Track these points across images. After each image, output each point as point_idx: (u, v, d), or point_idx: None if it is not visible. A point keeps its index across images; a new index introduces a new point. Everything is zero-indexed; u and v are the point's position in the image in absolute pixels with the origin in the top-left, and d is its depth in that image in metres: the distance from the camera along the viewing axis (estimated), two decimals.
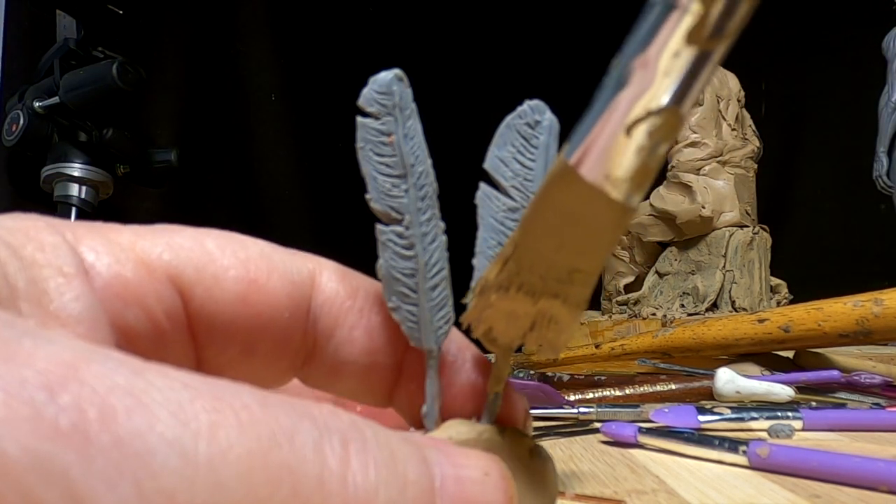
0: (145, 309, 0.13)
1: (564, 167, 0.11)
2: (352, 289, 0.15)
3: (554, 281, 0.13)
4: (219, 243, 0.14)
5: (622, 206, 0.11)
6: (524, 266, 0.13)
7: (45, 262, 0.11)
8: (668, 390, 0.46)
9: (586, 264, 0.13)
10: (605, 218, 0.11)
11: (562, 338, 0.14)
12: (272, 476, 0.08)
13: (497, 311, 0.14)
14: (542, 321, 0.14)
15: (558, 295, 0.13)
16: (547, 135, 0.16)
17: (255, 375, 0.15)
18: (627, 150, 0.10)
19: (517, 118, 0.16)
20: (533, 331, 0.14)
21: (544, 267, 0.13)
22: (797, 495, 0.23)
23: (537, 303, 0.13)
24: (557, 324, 0.14)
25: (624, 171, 0.10)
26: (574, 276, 0.13)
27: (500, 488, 0.11)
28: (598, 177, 0.11)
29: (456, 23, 1.56)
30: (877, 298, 0.46)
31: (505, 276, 0.13)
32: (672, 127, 0.10)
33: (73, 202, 0.93)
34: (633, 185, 0.11)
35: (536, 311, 0.14)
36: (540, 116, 0.16)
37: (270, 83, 1.37)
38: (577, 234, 0.12)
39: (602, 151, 0.11)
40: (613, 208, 0.11)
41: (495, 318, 0.14)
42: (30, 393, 0.07)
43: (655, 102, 0.10)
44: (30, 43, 1.01)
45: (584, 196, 0.11)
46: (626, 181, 0.10)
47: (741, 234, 1.00)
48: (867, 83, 1.44)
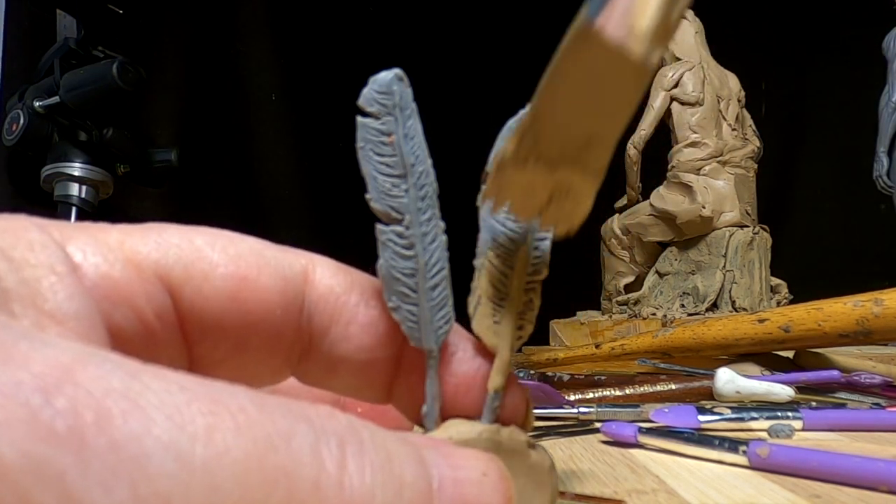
0: (134, 309, 0.13)
1: (585, 30, 0.11)
2: (347, 284, 0.15)
3: (572, 149, 0.13)
4: (208, 240, 0.14)
5: (644, 63, 0.11)
6: (542, 136, 0.13)
7: (37, 262, 0.11)
8: (668, 390, 0.46)
9: (605, 129, 0.13)
10: (626, 77, 0.11)
11: (579, 209, 0.14)
12: (268, 479, 0.08)
13: (515, 184, 0.14)
14: (559, 192, 0.14)
15: (576, 163, 0.13)
16: None
17: (249, 373, 0.15)
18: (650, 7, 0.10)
19: (518, 121, 0.16)
20: (550, 204, 0.14)
21: (562, 135, 0.13)
22: (797, 495, 0.23)
23: (555, 173, 0.13)
24: (575, 194, 0.14)
25: (647, 26, 0.10)
26: (592, 143, 0.13)
27: (498, 489, 0.11)
28: (622, 34, 0.10)
29: (456, 23, 1.56)
30: (877, 298, 0.46)
31: (523, 148, 0.13)
32: None
33: (73, 202, 0.93)
34: (655, 41, 0.11)
35: (554, 182, 0.14)
36: None
37: (270, 83, 1.37)
38: (597, 98, 0.12)
39: (625, 8, 0.10)
40: (635, 66, 0.11)
41: (513, 193, 0.14)
42: (26, 396, 0.07)
43: None
44: (30, 42, 1.01)
45: (606, 56, 0.11)
46: (650, 35, 0.10)
47: (741, 234, 1.00)
48: (867, 83, 1.44)
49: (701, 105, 1.07)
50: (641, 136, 1.08)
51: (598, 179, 0.14)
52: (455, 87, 1.43)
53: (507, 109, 0.16)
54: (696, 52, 1.10)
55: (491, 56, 1.55)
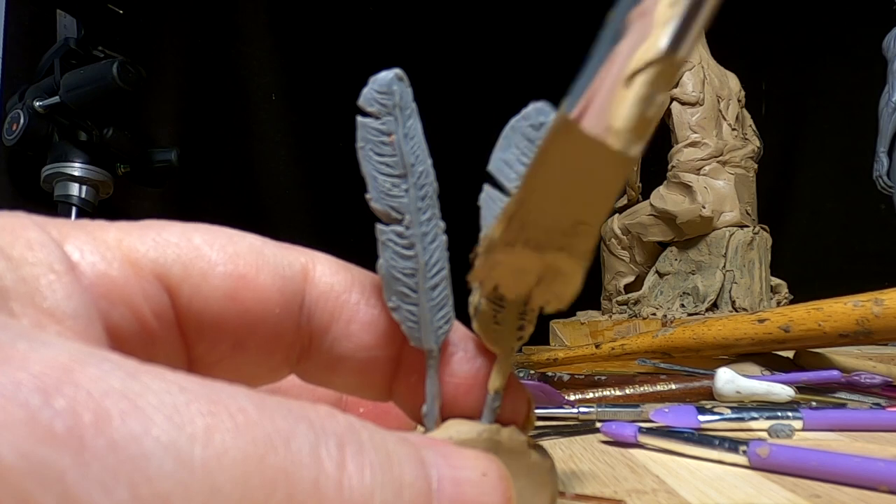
0: (132, 308, 0.12)
1: (565, 122, 0.11)
2: (347, 282, 0.15)
3: (559, 234, 0.13)
4: (207, 238, 0.14)
5: (624, 156, 0.11)
6: (529, 222, 0.13)
7: (35, 261, 0.11)
8: (668, 390, 0.46)
9: (590, 216, 0.13)
10: (607, 169, 0.11)
11: (568, 289, 0.15)
12: (268, 480, 0.08)
13: (504, 267, 0.14)
14: (548, 275, 0.14)
15: (564, 248, 0.14)
16: None
17: (248, 372, 0.15)
18: (627, 101, 0.11)
19: (521, 120, 0.16)
20: (540, 285, 0.14)
21: (549, 221, 0.13)
22: (797, 495, 0.23)
23: (543, 257, 0.14)
24: (564, 276, 0.14)
25: (624, 122, 0.11)
26: (579, 229, 0.13)
27: (497, 489, 0.11)
28: (600, 129, 0.11)
29: (456, 23, 1.56)
30: (877, 298, 0.46)
31: (510, 233, 0.13)
32: (670, 75, 0.11)
33: (73, 202, 0.93)
34: (634, 135, 0.11)
35: (543, 265, 0.14)
36: (544, 118, 0.16)
37: (270, 83, 1.37)
38: (581, 187, 0.12)
39: (602, 104, 0.11)
40: (615, 159, 0.11)
41: (502, 275, 0.14)
42: (25, 396, 0.07)
43: (654, 51, 0.10)
44: (30, 42, 1.01)
45: (586, 149, 0.11)
46: (627, 132, 0.11)
47: (741, 234, 1.00)
48: (867, 83, 1.44)
49: (701, 105, 1.07)
50: None
51: (586, 262, 0.14)
52: (455, 87, 1.42)
53: (508, 109, 0.16)
54: (696, 52, 1.10)
55: (491, 56, 1.55)
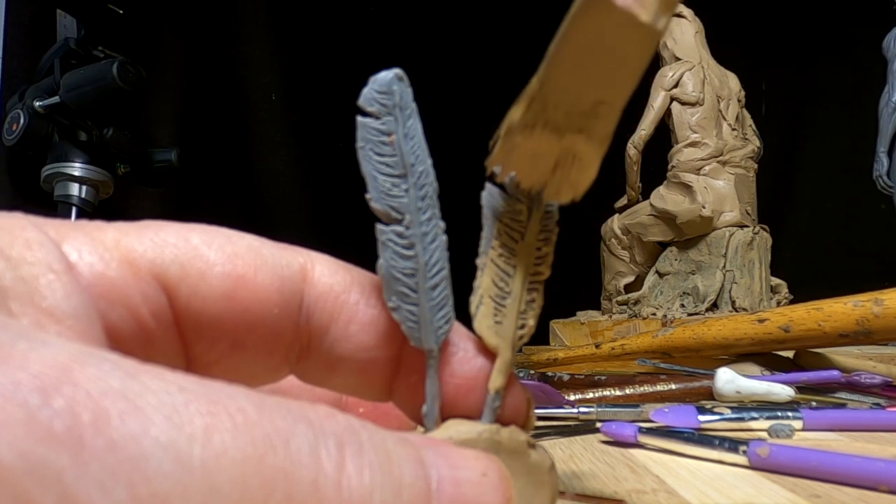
0: (130, 308, 0.12)
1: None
2: (346, 282, 0.15)
3: (579, 115, 0.13)
4: (205, 238, 0.14)
5: (651, 28, 0.11)
6: (550, 102, 0.13)
7: (34, 260, 0.11)
8: (668, 390, 0.46)
9: (612, 95, 0.13)
10: (633, 43, 0.11)
11: (585, 176, 0.14)
12: (267, 480, 0.08)
13: (522, 151, 0.14)
14: (565, 159, 0.14)
15: (583, 130, 0.13)
16: None
17: (247, 372, 0.15)
18: None
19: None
20: (556, 171, 0.14)
21: (570, 101, 0.13)
22: (797, 495, 0.23)
23: (562, 139, 0.13)
24: (581, 161, 0.14)
25: None
26: (599, 110, 0.13)
27: (497, 489, 0.11)
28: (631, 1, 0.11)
29: (456, 23, 1.56)
30: (877, 298, 0.46)
31: (531, 114, 0.13)
32: None
33: (73, 202, 0.93)
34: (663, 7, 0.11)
35: (561, 149, 0.14)
36: None
37: (270, 83, 1.37)
38: (605, 63, 0.12)
39: None
40: (642, 32, 0.11)
41: (520, 160, 0.14)
42: (24, 396, 0.07)
43: None
44: (30, 42, 1.01)
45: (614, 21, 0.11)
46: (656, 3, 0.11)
47: (741, 234, 1.00)
48: (867, 83, 1.44)
49: (701, 105, 1.07)
50: (641, 136, 1.08)
51: (604, 146, 0.14)
52: (455, 87, 1.42)
53: (507, 109, 0.16)
54: (696, 52, 1.10)
55: (491, 56, 1.55)
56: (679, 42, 1.11)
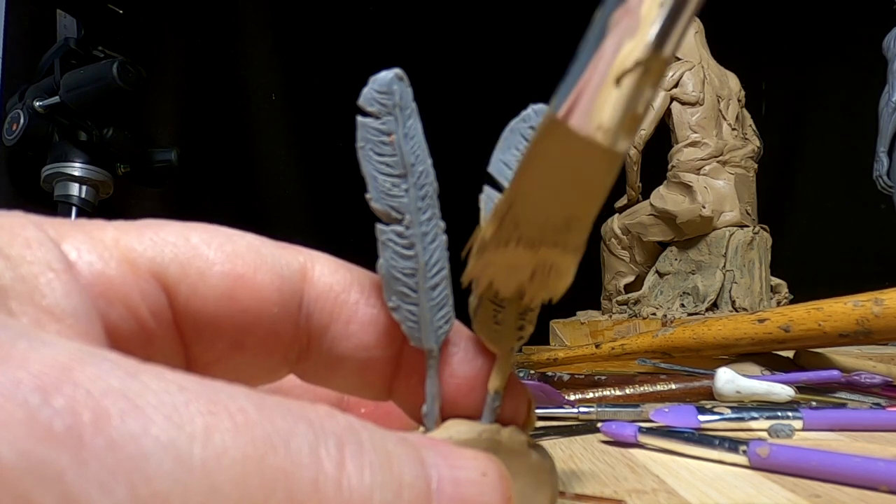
0: (130, 307, 0.12)
1: (553, 120, 0.11)
2: (346, 282, 0.15)
3: (552, 231, 0.13)
4: (204, 238, 0.14)
5: (612, 152, 0.11)
6: (521, 220, 0.13)
7: (34, 259, 0.11)
8: (668, 390, 0.46)
9: (582, 211, 0.13)
10: (596, 165, 0.12)
11: (562, 283, 0.15)
12: (267, 480, 0.08)
13: (497, 265, 0.14)
14: (542, 270, 0.14)
15: (557, 244, 0.14)
16: None
17: (247, 371, 0.15)
18: (614, 99, 0.11)
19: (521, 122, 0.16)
20: (533, 280, 0.15)
21: (541, 218, 0.13)
22: (797, 495, 0.23)
23: (537, 253, 0.14)
24: (557, 271, 0.14)
25: (612, 119, 0.11)
26: (571, 224, 0.13)
27: (497, 489, 0.11)
28: (588, 128, 0.11)
29: (456, 23, 1.56)
30: (877, 298, 0.46)
31: (503, 232, 0.14)
32: (658, 72, 0.11)
33: (73, 202, 0.93)
34: (622, 132, 0.11)
35: (536, 261, 0.14)
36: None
37: (270, 83, 1.37)
38: (571, 184, 0.12)
39: (589, 102, 0.11)
40: (604, 156, 0.11)
41: (496, 273, 0.15)
42: (24, 395, 0.07)
43: (640, 49, 0.11)
44: (30, 42, 1.01)
45: (574, 147, 0.11)
46: (615, 129, 0.11)
47: (741, 234, 1.00)
48: (867, 83, 1.44)
49: (701, 105, 1.07)
50: (641, 136, 1.08)
51: (578, 254, 0.14)
52: (455, 87, 1.42)
53: (508, 109, 0.16)
54: (696, 52, 1.10)
55: (491, 56, 1.55)
56: None
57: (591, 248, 1.19)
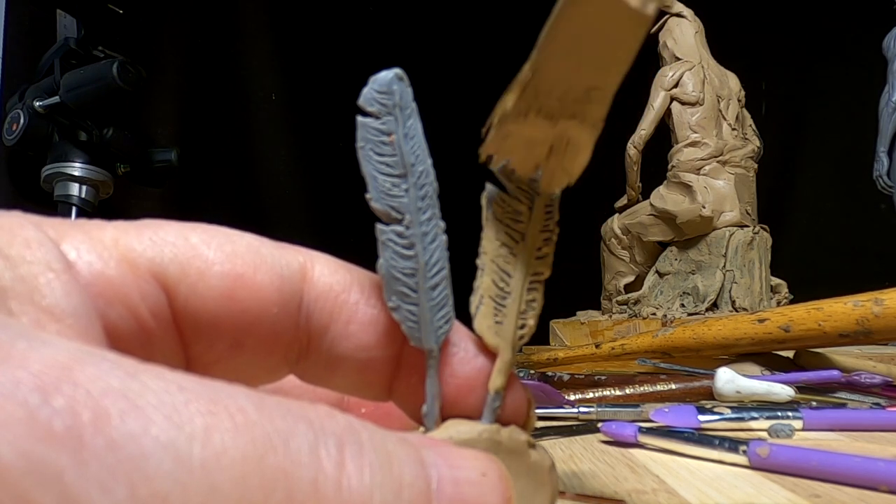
0: (129, 307, 0.12)
1: None
2: (346, 282, 0.15)
3: (572, 101, 0.13)
4: (204, 238, 0.14)
5: (640, 13, 0.11)
6: (542, 89, 0.13)
7: (33, 259, 0.11)
8: (669, 390, 0.46)
9: (604, 80, 0.13)
10: (623, 29, 0.11)
11: (578, 160, 0.15)
12: (266, 480, 0.08)
13: (516, 138, 0.14)
14: (559, 144, 0.14)
15: (576, 115, 0.13)
16: None
17: (246, 371, 0.15)
18: None
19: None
20: (550, 157, 0.14)
21: (562, 88, 0.13)
22: (797, 495, 0.23)
23: (556, 125, 0.14)
24: (575, 145, 0.14)
25: None
26: (592, 95, 0.13)
27: (497, 489, 0.11)
28: None
29: (456, 23, 1.56)
30: (877, 298, 0.46)
31: (524, 102, 0.13)
32: None
33: (73, 202, 0.93)
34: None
35: (555, 134, 0.14)
36: None
37: (270, 83, 1.37)
38: (596, 50, 0.12)
39: None
40: (632, 17, 0.11)
41: (514, 147, 0.14)
42: (24, 395, 0.07)
43: None
44: (30, 42, 1.01)
45: (603, 8, 0.11)
46: None
47: (741, 234, 1.00)
48: (867, 83, 1.44)
49: (701, 105, 1.07)
50: (641, 136, 1.08)
51: (596, 130, 0.14)
52: (455, 87, 1.42)
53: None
54: (696, 52, 1.10)
55: (491, 56, 1.55)
56: (679, 42, 1.11)
57: (591, 248, 1.20)
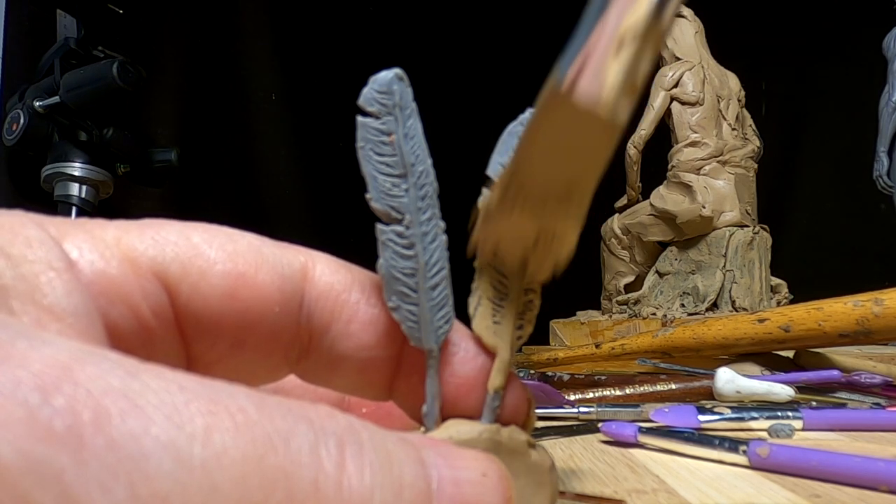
0: (131, 306, 0.12)
1: (555, 93, 0.11)
2: (347, 281, 0.15)
3: (554, 198, 0.14)
4: (205, 237, 0.14)
5: (613, 123, 0.11)
6: (524, 188, 0.14)
7: (35, 258, 0.11)
8: (669, 390, 0.46)
9: (583, 178, 0.14)
10: (597, 135, 0.12)
11: (564, 250, 0.15)
12: (267, 480, 0.08)
13: (502, 231, 0.15)
14: (545, 237, 0.15)
15: (559, 210, 0.14)
16: None
17: (247, 371, 0.15)
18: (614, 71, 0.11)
19: (518, 125, 0.16)
20: (537, 246, 0.15)
21: (543, 187, 0.14)
22: (797, 495, 0.23)
23: (540, 220, 0.14)
24: (560, 237, 0.15)
25: (613, 90, 0.11)
26: (573, 191, 0.14)
27: (497, 489, 0.11)
28: (589, 99, 0.11)
29: (456, 23, 1.56)
30: (877, 298, 0.46)
31: (507, 200, 0.14)
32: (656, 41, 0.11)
33: (73, 202, 0.93)
34: (623, 102, 0.11)
35: (539, 228, 0.15)
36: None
37: (270, 83, 1.37)
38: (572, 153, 0.13)
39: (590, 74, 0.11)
40: (605, 126, 0.11)
41: (500, 239, 0.15)
42: (24, 394, 0.07)
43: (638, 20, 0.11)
44: (30, 42, 1.01)
45: (576, 118, 0.12)
46: (616, 99, 0.11)
47: (741, 234, 1.00)
48: (867, 83, 1.44)
49: (701, 105, 1.07)
50: (641, 136, 1.08)
51: (580, 221, 0.15)
52: (455, 87, 1.43)
53: (508, 109, 0.16)
54: (696, 52, 1.10)
55: (491, 56, 1.55)
56: (679, 42, 1.11)
57: (592, 248, 1.20)
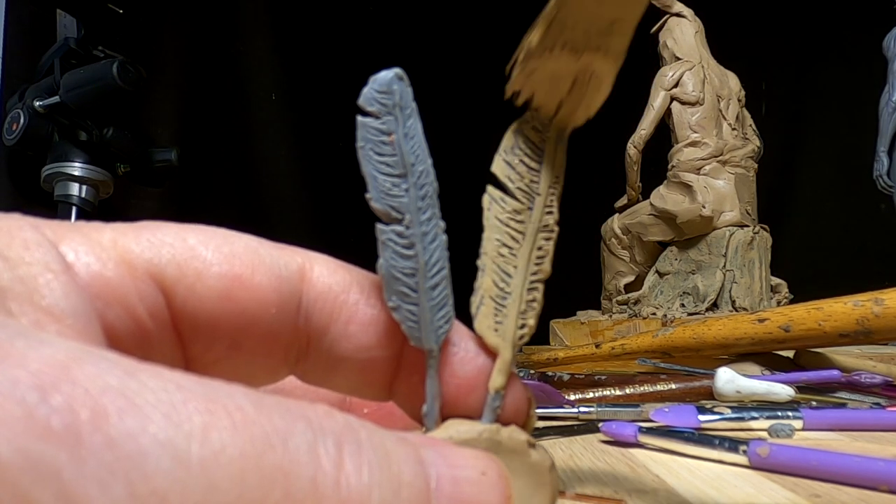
0: (127, 308, 0.12)
1: None
2: (346, 282, 0.15)
3: (596, 34, 0.14)
4: (202, 239, 0.14)
5: None
6: (568, 24, 0.14)
7: (32, 260, 0.11)
8: (669, 390, 0.46)
9: (626, 12, 0.14)
10: None
11: (599, 94, 0.15)
12: (265, 478, 0.08)
13: (541, 74, 0.15)
14: (583, 77, 0.15)
15: (600, 47, 0.14)
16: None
17: (246, 372, 0.14)
18: None
19: (524, 122, 0.16)
20: (572, 91, 0.15)
21: (586, 21, 0.14)
22: (797, 495, 0.23)
23: (580, 58, 0.14)
24: (598, 77, 0.15)
25: None
26: (615, 27, 0.14)
27: (497, 488, 0.11)
28: None
29: (456, 23, 1.56)
30: (877, 298, 0.46)
31: (549, 37, 0.14)
32: None
33: (73, 201, 0.93)
34: None
35: (579, 67, 0.15)
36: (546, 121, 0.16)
37: (270, 83, 1.37)
38: None
39: None
40: None
41: (538, 83, 0.15)
42: (22, 393, 0.07)
43: None
44: (30, 42, 1.01)
45: None
46: None
47: (741, 234, 1.00)
48: (867, 83, 1.44)
49: (701, 104, 1.07)
50: (641, 136, 1.08)
51: (619, 62, 0.14)
52: (455, 87, 1.42)
53: (508, 109, 0.16)
54: (696, 52, 1.10)
55: (491, 56, 1.55)
56: (679, 42, 1.11)
57: (591, 248, 1.20)
